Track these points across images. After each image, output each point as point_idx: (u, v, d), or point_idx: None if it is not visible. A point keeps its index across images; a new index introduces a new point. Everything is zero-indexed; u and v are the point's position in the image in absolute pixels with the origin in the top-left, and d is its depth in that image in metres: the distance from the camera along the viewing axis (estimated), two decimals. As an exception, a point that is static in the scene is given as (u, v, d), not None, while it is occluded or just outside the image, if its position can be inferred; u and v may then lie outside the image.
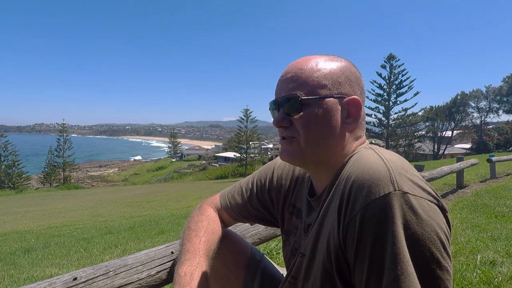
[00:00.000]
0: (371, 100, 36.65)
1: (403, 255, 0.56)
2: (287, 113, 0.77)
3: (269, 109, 0.84)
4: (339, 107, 0.76)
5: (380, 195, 0.59)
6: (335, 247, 0.65)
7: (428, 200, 0.61)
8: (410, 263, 0.56)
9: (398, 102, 36.46)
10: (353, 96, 0.77)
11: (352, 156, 0.73)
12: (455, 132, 44.12)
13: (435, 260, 0.58)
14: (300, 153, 0.77)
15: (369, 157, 0.68)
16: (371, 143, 0.83)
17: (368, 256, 0.59)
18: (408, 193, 0.59)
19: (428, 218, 0.59)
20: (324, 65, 0.77)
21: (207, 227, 0.97)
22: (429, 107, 42.37)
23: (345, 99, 0.76)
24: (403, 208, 0.58)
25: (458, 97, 42.03)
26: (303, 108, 0.75)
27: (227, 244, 1.04)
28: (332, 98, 0.75)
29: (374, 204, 0.59)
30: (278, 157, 1.03)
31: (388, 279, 0.57)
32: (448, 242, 0.61)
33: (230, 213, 1.05)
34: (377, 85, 36.64)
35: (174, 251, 1.11)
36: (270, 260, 1.15)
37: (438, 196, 0.64)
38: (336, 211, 0.66)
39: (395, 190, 0.59)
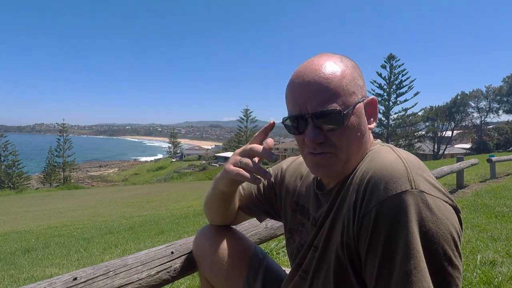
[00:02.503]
0: (371, 100, 36.56)
1: (416, 251, 0.57)
2: (320, 127, 0.72)
3: (285, 123, 0.78)
4: (363, 110, 0.77)
5: (397, 192, 0.61)
6: (349, 240, 0.67)
7: (443, 200, 0.63)
8: (423, 258, 0.57)
9: (398, 102, 36.51)
10: (371, 97, 0.79)
11: (367, 152, 0.75)
12: (455, 132, 44.14)
13: (448, 258, 0.59)
14: (340, 168, 0.75)
15: (387, 154, 0.69)
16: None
17: (380, 249, 0.60)
18: (424, 192, 0.61)
19: (443, 216, 0.60)
20: (343, 69, 0.75)
21: None
22: (429, 107, 42.42)
23: (365, 101, 0.77)
24: (419, 206, 0.59)
25: (458, 97, 42.04)
26: (344, 121, 0.72)
27: (231, 241, 1.06)
28: (360, 103, 0.75)
29: (391, 200, 0.60)
30: (289, 158, 1.07)
31: (400, 273, 0.58)
32: (460, 241, 0.62)
33: (239, 202, 1.08)
34: (377, 85, 36.72)
35: (174, 251, 1.11)
36: (273, 259, 1.16)
37: (452, 198, 0.66)
38: (352, 205, 0.67)
39: (412, 188, 0.61)
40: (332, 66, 0.74)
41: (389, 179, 0.62)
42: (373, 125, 0.79)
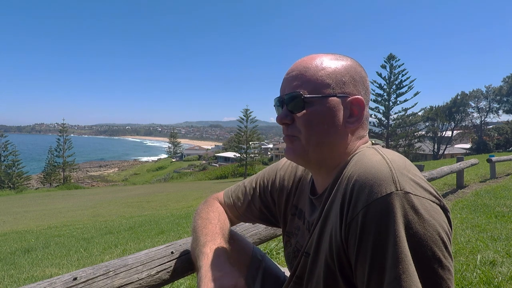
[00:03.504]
0: (371, 100, 36.44)
1: (404, 254, 0.56)
2: (290, 110, 0.77)
3: (274, 105, 0.85)
4: (342, 106, 0.76)
5: (382, 195, 0.59)
6: (337, 245, 0.65)
7: (430, 200, 0.61)
8: (412, 262, 0.56)
9: (398, 102, 36.42)
10: (356, 96, 0.77)
11: (354, 155, 0.74)
12: (455, 132, 44.11)
13: (437, 260, 0.57)
14: (302, 152, 0.77)
15: (372, 156, 0.67)
16: (372, 143, 0.82)
17: (369, 255, 0.59)
18: (410, 193, 0.59)
19: (430, 217, 0.59)
20: (329, 64, 0.77)
21: (219, 217, 1.00)
22: (429, 107, 42.36)
23: (348, 99, 0.76)
24: (405, 208, 0.58)
25: (458, 97, 42.02)
26: (306, 107, 0.75)
27: (229, 242, 1.05)
28: (335, 97, 0.75)
29: (376, 204, 0.59)
30: (283, 158, 1.04)
31: (389, 278, 0.56)
32: (450, 241, 0.61)
33: (234, 211, 1.06)
34: (377, 85, 36.61)
35: (174, 251, 1.11)
36: (272, 260, 1.15)
37: (440, 196, 0.64)
38: (339, 210, 0.66)
39: (397, 190, 0.59)
40: (318, 60, 0.77)
41: (374, 182, 0.61)
42: (354, 125, 0.76)
